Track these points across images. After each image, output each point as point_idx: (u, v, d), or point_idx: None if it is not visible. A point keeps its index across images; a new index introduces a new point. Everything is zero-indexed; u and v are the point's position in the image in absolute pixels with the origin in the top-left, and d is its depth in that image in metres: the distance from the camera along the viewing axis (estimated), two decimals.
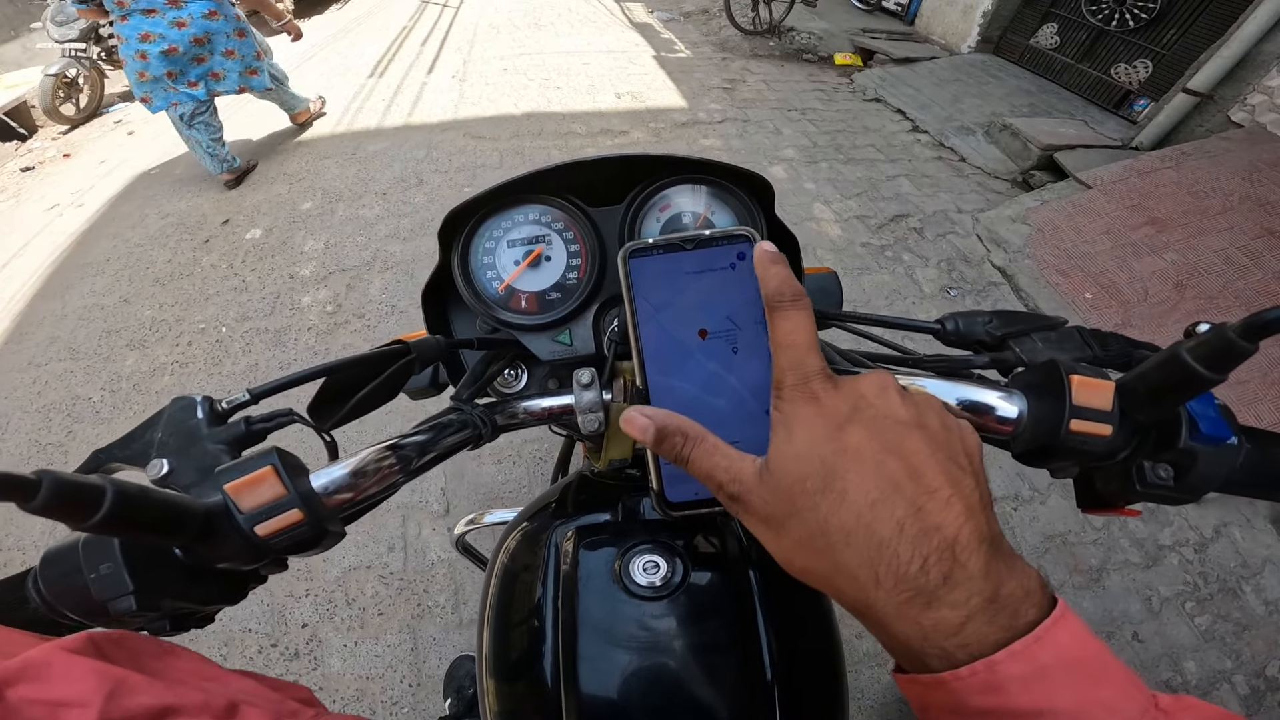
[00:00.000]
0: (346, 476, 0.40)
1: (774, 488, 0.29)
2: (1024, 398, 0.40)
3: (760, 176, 0.61)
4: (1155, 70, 3.89)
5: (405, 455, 0.44)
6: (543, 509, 0.69)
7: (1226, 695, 1.57)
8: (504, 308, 0.61)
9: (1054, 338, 0.46)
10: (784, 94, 4.69)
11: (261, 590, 1.88)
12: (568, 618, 0.53)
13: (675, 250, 0.42)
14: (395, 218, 3.15)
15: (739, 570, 0.56)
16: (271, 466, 0.35)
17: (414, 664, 1.60)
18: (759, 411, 0.40)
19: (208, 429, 0.40)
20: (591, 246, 0.62)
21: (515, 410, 0.54)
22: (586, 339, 0.62)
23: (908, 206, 3.29)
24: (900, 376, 0.45)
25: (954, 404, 0.42)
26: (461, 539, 1.09)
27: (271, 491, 0.35)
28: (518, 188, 0.61)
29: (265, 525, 0.34)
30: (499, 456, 2.05)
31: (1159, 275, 2.55)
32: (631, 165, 0.63)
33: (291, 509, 0.35)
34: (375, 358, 0.48)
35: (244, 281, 2.81)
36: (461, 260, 0.61)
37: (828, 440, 0.29)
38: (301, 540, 0.36)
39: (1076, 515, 1.91)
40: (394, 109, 4.44)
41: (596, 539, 0.59)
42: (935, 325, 0.52)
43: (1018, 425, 0.40)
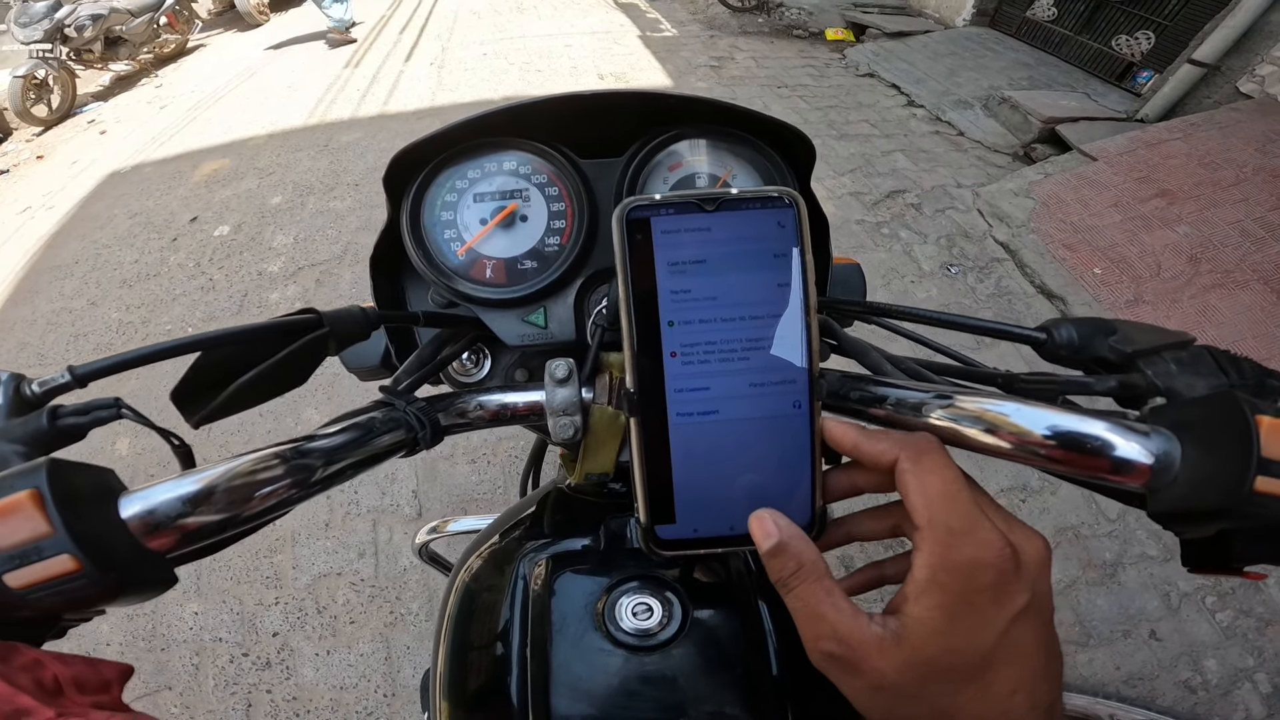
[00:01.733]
0: (180, 501, 0.28)
1: (906, 666, 0.26)
2: (1174, 440, 0.28)
3: (802, 134, 0.49)
4: (1158, 41, 3.76)
5: (302, 465, 0.32)
6: (515, 525, 0.59)
7: (1248, 694, 1.49)
8: (463, 276, 0.50)
9: (1186, 359, 0.33)
10: (774, 71, 4.58)
11: (229, 597, 1.81)
12: (538, 664, 0.43)
13: (690, 211, 0.33)
14: (367, 209, 3.08)
15: (748, 610, 0.45)
16: (31, 491, 0.24)
17: (388, 673, 1.57)
18: (791, 433, 0.32)
19: (4, 419, 0.29)
20: (580, 206, 0.51)
21: (465, 407, 0.43)
22: (565, 322, 0.51)
23: (904, 182, 3.19)
24: (971, 400, 0.33)
25: (1042, 435, 0.30)
26: (425, 548, 1.00)
27: (29, 528, 0.24)
28: (489, 127, 0.49)
29: (18, 575, 0.23)
30: (473, 455, 1.97)
31: (1171, 248, 2.45)
32: (639, 107, 0.51)
33: (58, 554, 0.24)
34: (273, 329, 0.35)
35: (211, 280, 2.74)
36: (412, 215, 0.50)
37: (996, 634, 0.26)
38: (80, 596, 0.25)
39: (1089, 506, 1.81)
40: (369, 99, 4.36)
41: (574, 569, 0.48)
42: (1038, 334, 0.38)
43: (1159, 476, 0.28)
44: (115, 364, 0.30)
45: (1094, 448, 0.28)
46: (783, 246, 0.33)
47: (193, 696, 1.53)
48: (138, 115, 4.69)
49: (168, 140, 4.07)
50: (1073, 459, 0.29)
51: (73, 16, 4.76)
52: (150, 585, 0.27)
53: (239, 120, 4.17)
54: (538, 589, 0.47)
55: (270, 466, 0.31)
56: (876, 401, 0.36)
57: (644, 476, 0.34)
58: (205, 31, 6.61)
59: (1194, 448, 0.27)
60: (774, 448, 0.33)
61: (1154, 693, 1.48)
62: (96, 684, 0.26)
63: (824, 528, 0.34)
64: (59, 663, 0.25)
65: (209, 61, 5.77)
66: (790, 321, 0.32)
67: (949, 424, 0.32)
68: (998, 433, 0.30)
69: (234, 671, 1.57)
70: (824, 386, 0.36)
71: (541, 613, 0.46)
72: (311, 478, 0.32)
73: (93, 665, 0.26)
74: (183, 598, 1.70)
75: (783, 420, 0.33)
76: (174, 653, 1.60)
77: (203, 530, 0.28)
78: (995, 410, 0.31)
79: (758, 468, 0.33)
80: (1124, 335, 0.36)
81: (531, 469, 1.08)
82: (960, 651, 0.26)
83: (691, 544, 0.34)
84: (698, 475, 0.34)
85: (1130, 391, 0.34)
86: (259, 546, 1.79)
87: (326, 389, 2.12)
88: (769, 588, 0.47)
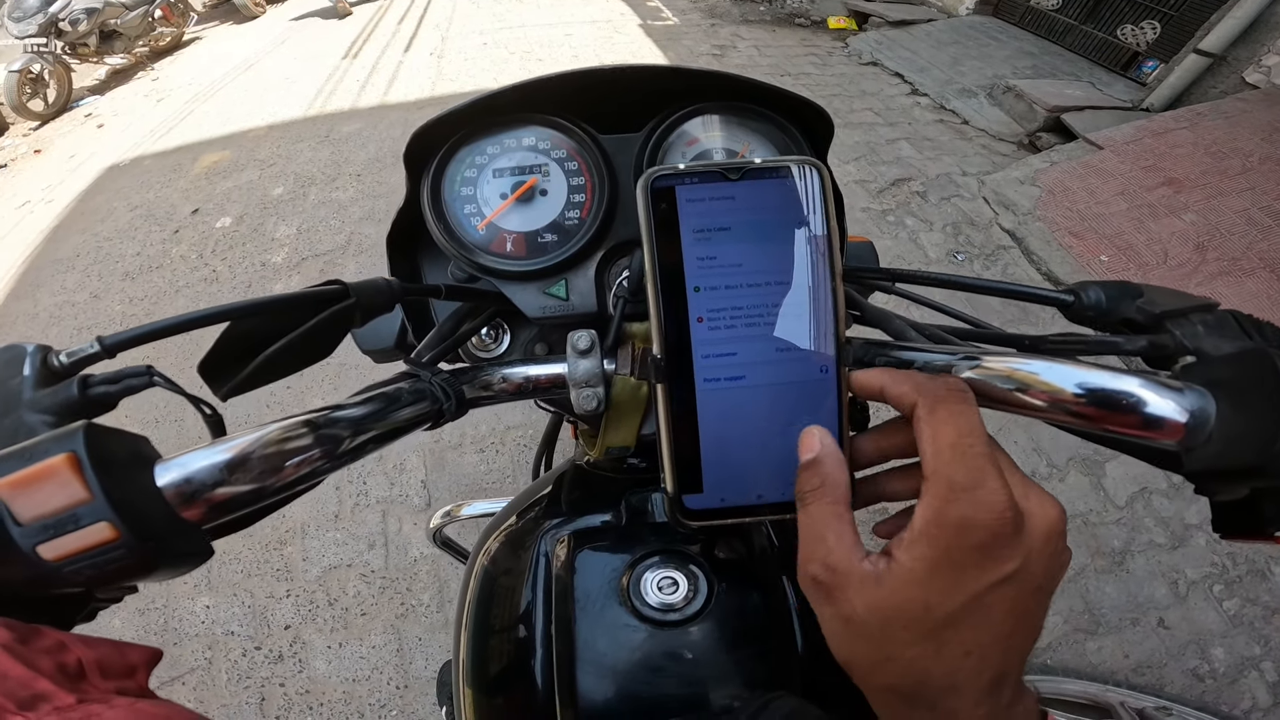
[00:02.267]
0: (217, 468, 0.27)
1: (874, 607, 0.27)
2: (1209, 397, 0.28)
3: (820, 108, 0.49)
4: (1164, 31, 3.74)
5: (330, 434, 0.31)
6: (532, 505, 0.59)
7: (1254, 683, 1.49)
8: (484, 250, 0.50)
9: (1212, 322, 0.32)
10: (776, 59, 4.55)
11: (240, 590, 1.82)
12: (563, 641, 0.43)
13: (713, 181, 0.33)
14: (370, 199, 3.05)
15: (772, 584, 0.46)
16: (69, 455, 0.23)
17: (400, 665, 1.56)
18: (818, 398, 0.32)
19: (33, 391, 0.28)
20: (599, 180, 0.50)
21: (490, 379, 0.43)
22: (587, 294, 0.50)
23: (909, 170, 3.17)
24: (999, 360, 0.32)
25: (1073, 393, 0.29)
26: (439, 533, 1.00)
27: (66, 494, 0.23)
28: (508, 102, 0.48)
29: (53, 545, 0.22)
30: (481, 445, 1.97)
31: (1178, 236, 2.44)
32: (657, 84, 0.50)
33: (96, 522, 0.23)
34: (299, 300, 0.34)
35: (214, 271, 2.73)
36: (433, 191, 0.49)
37: (969, 596, 0.26)
38: (116, 567, 0.24)
39: (1097, 494, 1.82)
40: (369, 89, 4.33)
41: (596, 545, 0.48)
42: (1065, 296, 0.38)
43: (1194, 434, 0.27)
44: (145, 333, 0.30)
45: (1128, 404, 0.28)
46: (807, 213, 0.33)
47: (206, 691, 1.53)
48: (135, 109, 4.66)
49: (166, 133, 4.04)
50: (1105, 416, 0.29)
51: (67, 10, 4.70)
52: (186, 557, 0.27)
53: (238, 112, 4.14)
54: (559, 567, 0.48)
55: (300, 435, 0.30)
56: (903, 366, 0.36)
57: (671, 444, 0.34)
58: (201, 24, 6.55)
59: (1228, 405, 0.27)
60: (801, 413, 0.33)
61: (1162, 680, 1.49)
62: (122, 668, 0.25)
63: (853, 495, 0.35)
64: (84, 645, 0.24)
65: (206, 54, 5.71)
66: (816, 286, 0.33)
67: (978, 385, 0.32)
68: (1028, 391, 0.30)
69: (246, 665, 1.57)
70: (850, 351, 0.36)
71: (564, 591, 0.46)
72: (339, 448, 0.32)
73: (119, 649, 0.26)
74: (194, 591, 1.70)
75: (809, 385, 0.33)
76: (187, 647, 1.61)
77: (236, 500, 0.28)
78: (1025, 369, 0.30)
79: (785, 434, 0.33)
80: (1150, 298, 0.36)
81: (545, 452, 1.08)
82: (929, 606, 0.26)
83: (719, 514, 0.34)
84: (725, 443, 0.34)
85: (1160, 352, 0.33)
86: (268, 538, 1.79)
87: (333, 379, 2.12)
88: (793, 563, 0.47)
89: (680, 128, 0.51)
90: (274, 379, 0.34)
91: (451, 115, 0.48)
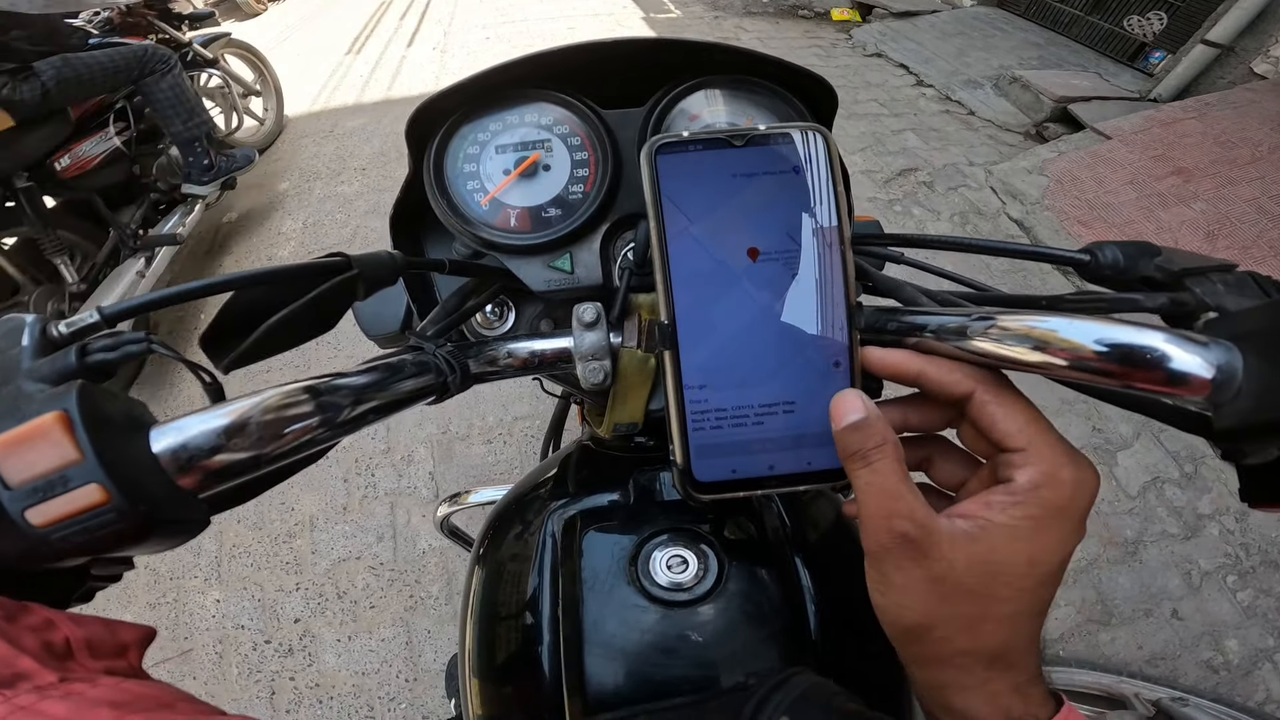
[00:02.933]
0: (215, 432, 0.26)
1: (978, 561, 0.27)
2: (1235, 351, 0.26)
3: (823, 80, 0.49)
4: (1170, 22, 3.72)
5: (330, 402, 0.31)
6: (537, 486, 0.59)
7: (1268, 674, 1.49)
8: (488, 225, 0.49)
9: (1232, 281, 0.31)
10: (780, 51, 4.24)
11: (250, 584, 1.82)
12: (570, 623, 0.43)
13: (718, 148, 0.33)
14: (375, 193, 3.06)
15: (784, 563, 0.45)
16: (60, 414, 0.22)
17: (409, 658, 1.56)
18: (823, 363, 0.32)
19: (31, 360, 0.27)
20: (603, 154, 0.50)
21: (495, 354, 0.42)
22: (592, 266, 0.50)
23: (916, 160, 3.16)
24: (1015, 318, 0.31)
25: (1094, 350, 0.28)
26: (446, 521, 0.99)
27: (56, 455, 0.22)
28: (508, 77, 0.48)
29: (41, 510, 0.22)
30: (489, 435, 1.97)
31: (1188, 225, 2.44)
32: (660, 57, 0.50)
33: (86, 483, 0.22)
34: (302, 271, 0.34)
35: (220, 266, 2.72)
36: (435, 168, 0.49)
37: (1063, 556, 0.28)
38: (105, 534, 0.23)
39: (1109, 483, 1.81)
40: (372, 84, 4.32)
41: (604, 525, 0.48)
42: (1082, 255, 0.37)
43: (1222, 390, 0.26)
44: (145, 303, 0.29)
45: (1152, 359, 0.27)
46: (812, 179, 0.33)
47: (217, 685, 1.54)
48: None
49: None
50: (1128, 373, 0.27)
51: None
52: (183, 525, 0.26)
53: None
54: (566, 547, 0.47)
55: (300, 401, 0.30)
56: (915, 330, 0.34)
57: (680, 414, 0.33)
58: None
59: (1257, 357, 0.26)
60: (809, 373, 0.33)
61: (1176, 672, 1.49)
62: (112, 648, 0.25)
63: None
64: (72, 624, 0.24)
65: None
66: (825, 252, 0.32)
67: (993, 345, 0.30)
68: (1047, 349, 0.29)
69: (257, 659, 1.57)
70: (862, 316, 0.35)
71: (572, 571, 0.45)
72: (339, 417, 0.31)
73: (110, 627, 0.25)
74: (204, 585, 1.70)
75: (822, 349, 0.33)
76: (197, 640, 1.61)
77: (233, 467, 0.27)
78: (1043, 327, 0.29)
79: (795, 395, 0.33)
80: (1168, 257, 0.34)
81: (552, 437, 1.07)
82: (1034, 562, 0.27)
83: (730, 486, 0.34)
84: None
85: (1181, 309, 0.32)
86: (277, 531, 1.79)
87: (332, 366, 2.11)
88: (804, 542, 0.47)
89: (683, 102, 0.51)
90: (276, 352, 0.33)
91: (453, 90, 0.47)
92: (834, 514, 0.54)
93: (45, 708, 0.18)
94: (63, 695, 0.19)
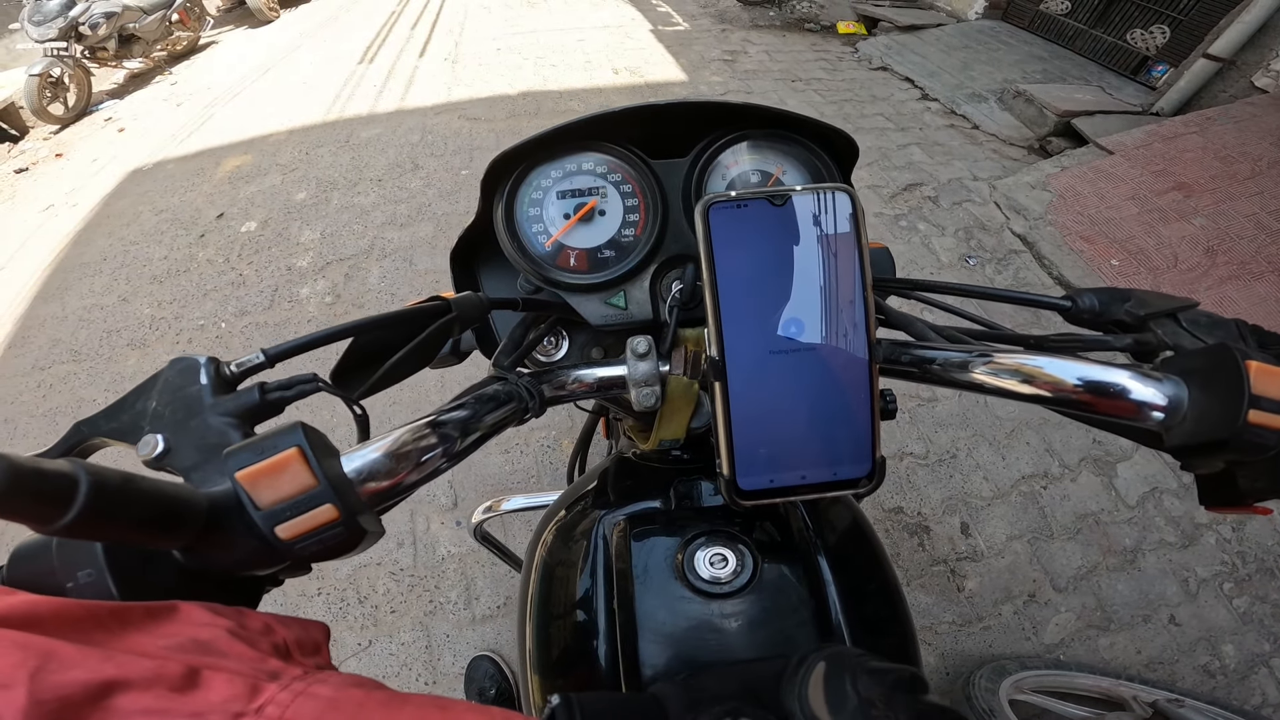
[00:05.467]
0: (384, 459, 0.32)
1: None
2: (1182, 384, 0.33)
3: (847, 135, 0.55)
4: (1173, 35, 3.76)
5: (446, 434, 0.36)
6: (581, 498, 0.64)
7: (1265, 680, 1.53)
8: (551, 265, 0.55)
9: (1189, 320, 0.39)
10: (787, 64, 4.56)
11: (274, 590, 1.84)
12: (625, 616, 0.48)
13: (761, 205, 0.38)
14: (391, 204, 3.08)
15: (809, 560, 0.51)
16: (297, 448, 0.27)
17: (429, 662, 1.58)
18: (848, 390, 0.37)
19: (212, 397, 0.32)
20: (652, 201, 0.55)
21: (564, 380, 0.48)
22: (643, 303, 0.55)
23: (921, 175, 3.20)
24: (1009, 356, 0.38)
25: (1073, 384, 0.35)
26: (480, 528, 1.04)
27: (297, 481, 0.27)
28: (572, 134, 0.54)
29: (290, 525, 0.27)
30: (506, 446, 2.01)
31: (1188, 240, 2.47)
32: (701, 114, 0.55)
33: (323, 504, 0.27)
34: (410, 315, 0.40)
35: (241, 275, 2.76)
36: (506, 212, 0.54)
37: None
38: (335, 543, 0.28)
39: (1109, 493, 1.85)
40: (386, 95, 4.35)
41: (649, 529, 0.53)
42: (1064, 302, 0.45)
43: (1171, 415, 0.33)
44: (298, 346, 0.35)
45: (1116, 392, 0.34)
46: (839, 232, 0.38)
47: None
48: (154, 112, 4.71)
49: (187, 137, 4.08)
50: (1099, 403, 0.35)
51: (86, 14, 4.76)
52: (372, 535, 0.31)
53: (257, 116, 4.17)
54: (617, 549, 0.52)
55: (427, 434, 0.36)
56: (926, 362, 0.41)
57: (728, 434, 0.39)
58: (216, 28, 6.62)
59: (1198, 390, 0.33)
60: (838, 405, 0.39)
61: (1174, 676, 1.52)
62: (311, 645, 0.28)
63: (883, 476, 0.40)
64: (282, 625, 0.27)
65: (222, 58, 5.77)
66: (850, 295, 0.38)
67: (991, 378, 0.38)
68: (1034, 382, 0.36)
69: None
70: (881, 351, 0.41)
71: (625, 569, 0.50)
72: (455, 446, 0.37)
73: (304, 626, 0.29)
74: None
75: (846, 380, 0.39)
76: None
77: (390, 490, 0.33)
78: (1032, 364, 0.36)
79: (832, 436, 0.39)
80: (1138, 300, 0.42)
81: (581, 451, 1.13)
82: None
83: (769, 494, 0.39)
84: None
85: (1144, 347, 0.40)
86: None
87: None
88: (825, 541, 0.53)
89: (722, 153, 0.57)
90: (393, 384, 0.40)
91: (527, 144, 0.53)
92: (850, 517, 0.60)
93: (315, 690, 0.22)
94: (319, 681, 0.23)
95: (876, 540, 0.59)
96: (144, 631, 0.23)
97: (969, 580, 1.68)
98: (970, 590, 1.66)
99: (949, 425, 2.00)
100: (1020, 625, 1.60)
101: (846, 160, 0.57)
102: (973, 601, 1.64)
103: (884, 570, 0.56)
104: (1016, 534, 1.77)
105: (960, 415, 2.02)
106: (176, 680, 0.21)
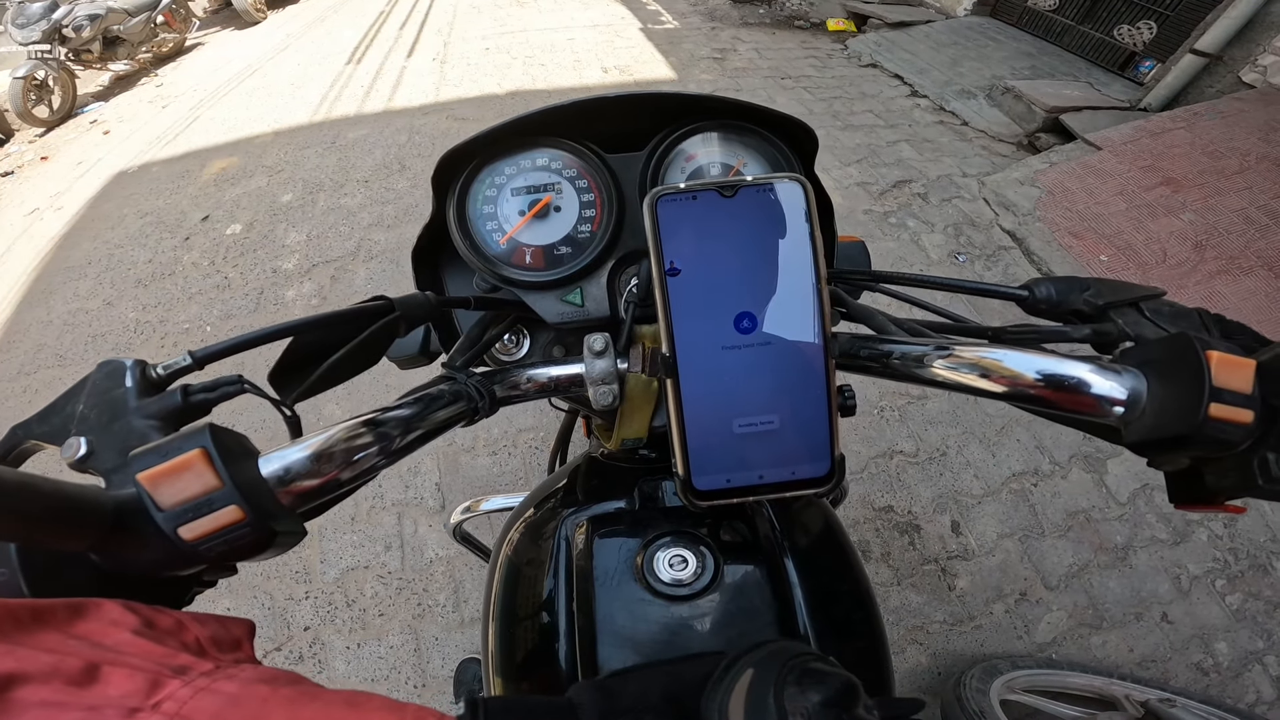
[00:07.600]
0: (307, 460, 0.32)
1: None
2: (1141, 377, 0.32)
3: (806, 125, 0.53)
4: (1160, 31, 3.77)
5: (384, 433, 0.36)
6: (549, 496, 0.63)
7: (1258, 677, 1.52)
8: (506, 263, 0.54)
9: (1151, 310, 0.37)
10: (776, 62, 4.56)
11: (260, 593, 1.85)
12: (584, 618, 0.47)
13: (711, 197, 0.37)
14: (378, 205, 3.06)
15: (774, 562, 0.49)
16: (201, 450, 0.27)
17: (418, 665, 1.58)
18: (804, 386, 0.36)
19: (137, 400, 0.32)
20: (608, 196, 0.54)
21: (517, 380, 0.47)
22: (600, 300, 0.54)
23: (910, 172, 3.20)
24: (968, 349, 0.36)
25: (1031, 378, 0.33)
26: (459, 528, 1.04)
27: (200, 483, 0.27)
28: (523, 128, 0.53)
29: (192, 526, 0.26)
30: (494, 448, 1.99)
31: (1177, 236, 2.47)
32: (657, 106, 0.54)
33: (227, 505, 0.27)
34: (351, 315, 0.39)
35: (226, 278, 2.74)
36: (458, 210, 0.53)
37: None
38: (242, 545, 0.28)
39: (1099, 490, 1.84)
40: (373, 95, 4.33)
41: (612, 529, 0.52)
42: (1020, 291, 0.43)
43: (1132, 409, 0.32)
44: (226, 348, 0.34)
45: (1074, 385, 0.33)
46: (793, 223, 0.37)
47: None
48: (140, 115, 4.67)
49: (173, 139, 4.05)
50: (1057, 397, 0.33)
51: (70, 17, 4.74)
52: (290, 536, 0.30)
53: (244, 118, 4.14)
54: (579, 551, 0.51)
55: (362, 434, 0.35)
56: (884, 357, 0.40)
57: (680, 432, 0.38)
58: (203, 30, 6.57)
59: (1158, 383, 0.31)
60: (795, 401, 0.38)
61: (1166, 674, 1.52)
62: (230, 642, 0.28)
63: (843, 474, 0.39)
64: (196, 623, 0.27)
65: (209, 60, 5.73)
66: (803, 287, 0.37)
67: (949, 372, 0.36)
68: (992, 377, 0.35)
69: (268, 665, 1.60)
70: (836, 345, 0.40)
71: (585, 571, 0.49)
72: (393, 444, 0.36)
73: (223, 623, 0.29)
74: (215, 594, 1.72)
75: (801, 375, 0.38)
76: None
77: (321, 488, 0.32)
78: (990, 357, 0.35)
79: (788, 422, 0.38)
80: (1098, 290, 0.40)
81: (559, 449, 1.11)
82: None
83: (726, 494, 0.38)
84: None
85: (1103, 338, 0.38)
86: None
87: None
88: (793, 543, 0.52)
89: (679, 146, 0.55)
90: (332, 385, 0.39)
91: (474, 141, 0.51)
92: (821, 518, 0.59)
93: (219, 687, 0.22)
94: (226, 677, 0.23)
95: (848, 542, 0.58)
96: (57, 629, 0.23)
97: (960, 579, 1.67)
98: (961, 589, 1.65)
99: (939, 423, 1.99)
100: (1012, 624, 1.60)
101: (808, 150, 0.56)
102: (964, 600, 1.64)
103: (854, 573, 0.55)
104: (1007, 532, 1.76)
105: (950, 413, 2.02)
106: (75, 675, 0.21)
